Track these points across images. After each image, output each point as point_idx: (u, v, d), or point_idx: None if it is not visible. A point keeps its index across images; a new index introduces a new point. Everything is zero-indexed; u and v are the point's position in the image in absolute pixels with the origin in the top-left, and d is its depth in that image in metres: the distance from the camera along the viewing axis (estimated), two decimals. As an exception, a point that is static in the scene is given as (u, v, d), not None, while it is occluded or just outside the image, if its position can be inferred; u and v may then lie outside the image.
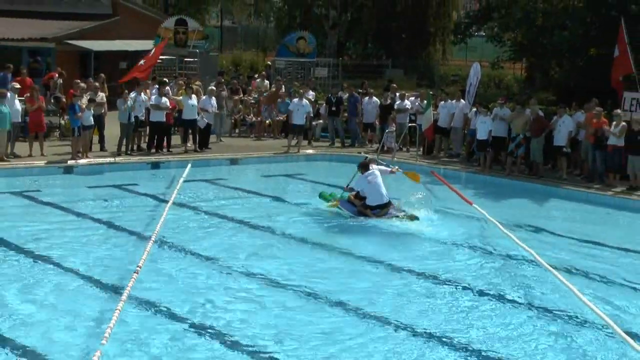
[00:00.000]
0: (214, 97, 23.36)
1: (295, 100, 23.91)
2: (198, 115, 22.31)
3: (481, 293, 11.07)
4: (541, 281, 11.61)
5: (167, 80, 24.46)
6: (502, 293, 11.12)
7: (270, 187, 19.02)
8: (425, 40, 41.91)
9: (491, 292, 11.11)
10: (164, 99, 21.80)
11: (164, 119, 21.73)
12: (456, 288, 11.27)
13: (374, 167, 15.58)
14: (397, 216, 14.80)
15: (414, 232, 14.28)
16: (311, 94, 26.47)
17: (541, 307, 10.57)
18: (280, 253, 12.80)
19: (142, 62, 22.24)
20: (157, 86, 22.53)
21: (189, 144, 22.56)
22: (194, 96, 22.36)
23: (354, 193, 15.47)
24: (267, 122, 26.40)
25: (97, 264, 11.82)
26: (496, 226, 13.91)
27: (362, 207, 15.10)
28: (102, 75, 25.01)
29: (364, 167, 15.45)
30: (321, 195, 16.43)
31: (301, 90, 25.18)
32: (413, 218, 14.76)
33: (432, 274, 11.93)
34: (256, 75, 30.53)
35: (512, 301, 10.79)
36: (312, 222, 14.96)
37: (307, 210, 15.86)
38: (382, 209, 15.01)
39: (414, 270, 12.05)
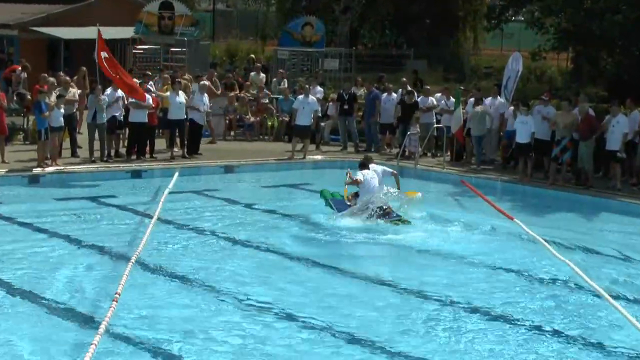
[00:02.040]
0: (205, 94, 23.39)
1: (300, 97, 23.92)
2: (187, 114, 22.36)
3: (532, 327, 10.93)
4: (598, 313, 11.53)
5: (150, 74, 24.50)
6: (556, 327, 10.97)
7: (271, 199, 19.02)
8: (453, 26, 41.89)
9: (544, 327, 10.94)
10: (147, 96, 21.78)
11: (146, 120, 21.75)
12: (504, 323, 11.07)
13: (375, 167, 16.49)
14: (388, 218, 15.57)
15: (445, 252, 14.26)
16: (319, 90, 26.50)
17: (599, 345, 10.45)
18: (278, 277, 12.77)
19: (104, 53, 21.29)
20: (137, 81, 22.56)
21: (175, 149, 22.58)
22: (181, 92, 22.39)
23: (352, 193, 16.33)
24: (269, 123, 26.44)
25: (68, 291, 11.78)
26: (544, 247, 13.83)
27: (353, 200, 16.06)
28: (84, 68, 25.01)
29: (362, 166, 16.42)
30: (322, 194, 16.92)
31: (307, 86, 25.18)
32: (404, 222, 15.52)
33: (470, 305, 11.73)
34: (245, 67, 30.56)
35: (567, 337, 10.64)
36: (316, 241, 14.97)
37: (312, 227, 15.86)
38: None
39: (446, 299, 11.92)
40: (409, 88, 24.85)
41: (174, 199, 17.57)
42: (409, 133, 23.29)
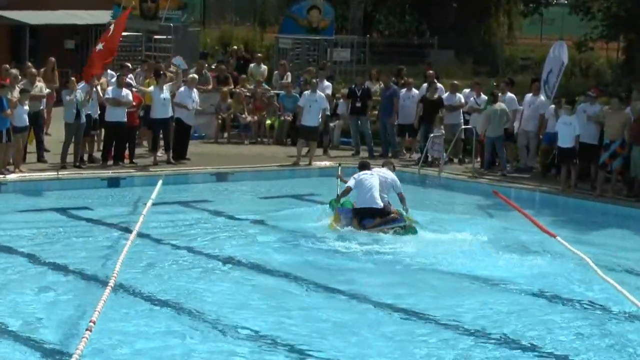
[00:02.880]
0: (195, 89, 23.44)
1: (307, 93, 23.96)
2: (173, 112, 22.42)
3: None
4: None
5: (130, 66, 24.53)
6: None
7: (270, 212, 18.92)
8: (484, 10, 41.88)
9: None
10: (125, 91, 21.84)
11: (125, 119, 21.75)
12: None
13: (381, 171, 17.20)
14: (393, 228, 16.16)
15: (472, 275, 14.24)
16: (327, 85, 26.51)
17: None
18: (275, 303, 12.77)
19: (99, 46, 22.00)
20: (114, 73, 22.57)
21: (159, 153, 22.63)
22: (166, 87, 22.42)
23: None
24: (269, 123, 26.47)
25: (33, 320, 11.73)
26: (592, 269, 13.76)
27: (353, 213, 16.67)
28: (52, 59, 25.05)
29: (362, 167, 17.14)
30: (331, 205, 17.43)
31: (315, 79, 25.19)
32: (410, 230, 16.19)
33: (506, 340, 11.62)
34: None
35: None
36: (320, 262, 15.01)
37: (316, 245, 15.88)
38: (374, 218, 16.38)
39: (478, 333, 11.86)
40: (434, 82, 24.81)
41: (158, 211, 17.53)
42: (432, 135, 23.27)
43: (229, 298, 12.94)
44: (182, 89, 23.16)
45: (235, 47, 33.62)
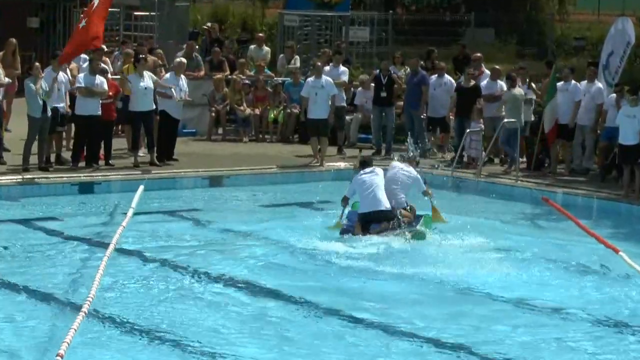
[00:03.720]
0: (183, 76, 23.48)
1: (310, 80, 23.99)
2: (157, 103, 22.46)
3: None
4: None
5: (105, 48, 24.51)
6: None
7: (273, 223, 18.92)
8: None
9: None
10: (100, 79, 21.85)
11: (99, 112, 21.77)
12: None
13: (401, 167, 17.61)
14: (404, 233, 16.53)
15: (517, 299, 14.14)
16: (343, 71, 26.48)
17: None
18: (277, 333, 12.72)
19: (82, 23, 21.91)
20: (86, 57, 22.57)
21: (141, 153, 22.70)
22: (148, 74, 22.47)
23: None
24: (272, 117, 26.48)
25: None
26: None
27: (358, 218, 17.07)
28: (13, 40, 24.94)
29: (363, 164, 17.62)
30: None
31: (318, 63, 25.14)
32: (418, 234, 16.64)
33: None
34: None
35: None
36: (331, 283, 14.96)
37: (325, 262, 15.85)
38: (381, 223, 16.73)
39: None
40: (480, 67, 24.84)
41: (139, 223, 17.52)
42: (468, 131, 23.29)
43: (220, 327, 12.89)
44: (167, 75, 23.20)
45: (209, 24, 33.12)
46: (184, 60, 24.49)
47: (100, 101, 21.78)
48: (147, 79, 22.33)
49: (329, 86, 23.75)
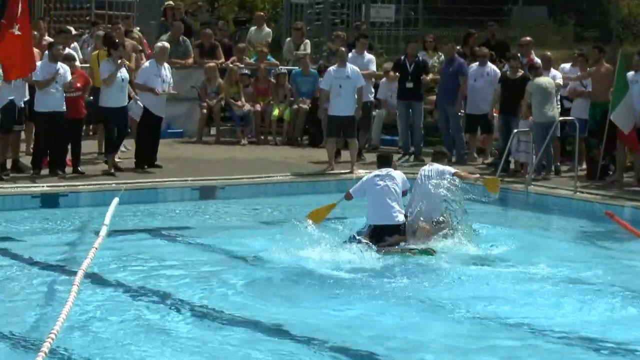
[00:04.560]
0: (166, 64, 23.51)
1: (332, 68, 23.84)
2: (130, 99, 22.51)
3: None
4: None
5: (73, 31, 24.45)
6: None
7: (275, 244, 18.62)
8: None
9: None
10: (63, 67, 21.78)
11: (64, 108, 21.74)
12: None
13: (431, 166, 17.99)
14: (410, 250, 16.92)
15: (574, 336, 13.81)
16: (369, 59, 26.17)
17: None
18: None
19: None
20: (50, 39, 22.45)
21: (117, 158, 22.64)
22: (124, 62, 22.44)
23: None
24: (276, 114, 26.47)
25: None
26: None
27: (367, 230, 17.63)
28: None
29: (381, 162, 18.13)
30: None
31: (342, 48, 24.78)
32: (425, 251, 16.85)
33: None
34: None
35: None
36: (342, 318, 14.64)
37: (336, 285, 15.77)
38: (391, 237, 17.17)
39: None
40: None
41: (114, 242, 17.40)
42: (515, 131, 23.14)
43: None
44: (147, 64, 23.26)
45: (171, 2, 32.45)
46: (167, 44, 24.45)
47: (65, 94, 21.66)
48: (124, 70, 22.37)
49: (355, 76, 23.55)
